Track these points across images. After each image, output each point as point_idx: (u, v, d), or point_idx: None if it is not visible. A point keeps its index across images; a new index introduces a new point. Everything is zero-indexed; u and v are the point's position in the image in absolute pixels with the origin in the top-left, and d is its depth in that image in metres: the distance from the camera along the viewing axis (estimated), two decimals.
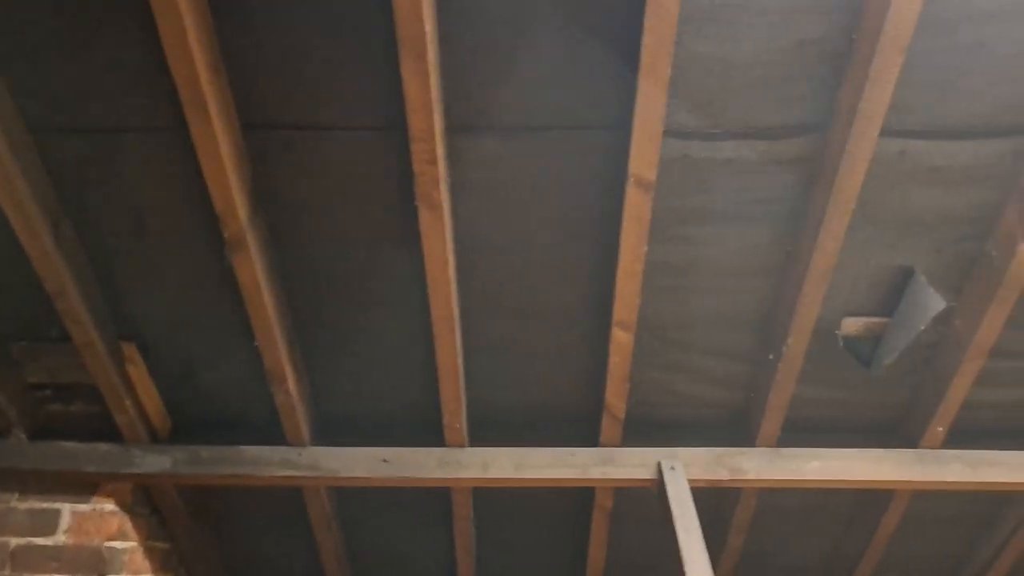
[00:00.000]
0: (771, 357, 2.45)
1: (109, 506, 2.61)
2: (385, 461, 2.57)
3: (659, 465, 2.58)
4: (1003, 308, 2.24)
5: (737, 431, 2.71)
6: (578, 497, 2.92)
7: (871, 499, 2.91)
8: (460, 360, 2.42)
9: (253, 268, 2.15)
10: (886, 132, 2.00)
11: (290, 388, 2.42)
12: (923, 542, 3.10)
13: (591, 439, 2.67)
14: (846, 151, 1.93)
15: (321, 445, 2.63)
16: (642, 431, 2.69)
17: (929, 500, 2.88)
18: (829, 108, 1.97)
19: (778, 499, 2.90)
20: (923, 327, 2.28)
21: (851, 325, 2.44)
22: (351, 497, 2.91)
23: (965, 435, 2.64)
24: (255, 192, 2.12)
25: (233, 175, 2.00)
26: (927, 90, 1.93)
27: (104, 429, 2.60)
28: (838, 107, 1.94)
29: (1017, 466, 2.59)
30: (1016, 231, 2.10)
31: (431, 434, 2.63)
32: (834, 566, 3.21)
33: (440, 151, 1.95)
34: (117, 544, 2.60)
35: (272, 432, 2.58)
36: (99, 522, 2.60)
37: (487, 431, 2.67)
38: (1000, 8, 1.80)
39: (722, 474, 2.60)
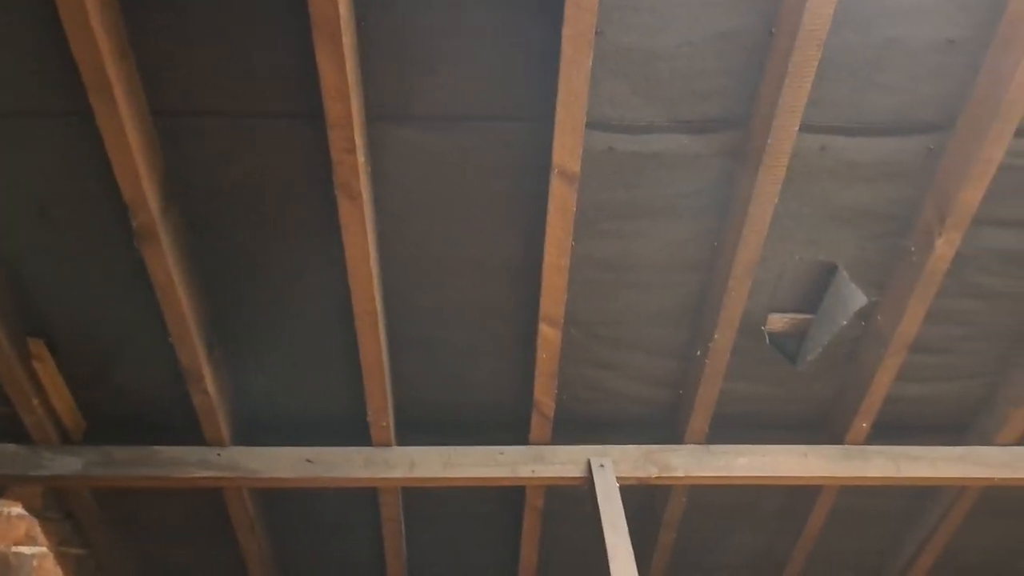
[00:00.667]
0: (699, 353, 2.45)
1: (16, 510, 2.49)
2: (308, 461, 2.51)
3: (589, 463, 2.56)
4: (922, 303, 2.28)
5: (667, 428, 2.71)
6: (510, 497, 2.88)
7: (800, 495, 2.93)
8: (385, 357, 2.37)
9: (165, 260, 2.07)
10: (807, 128, 2.01)
11: (208, 386, 2.34)
12: (851, 537, 3.13)
13: (521, 437, 2.64)
14: (768, 145, 1.94)
15: (242, 445, 2.55)
16: (573, 429, 2.67)
17: (856, 495, 2.91)
18: (751, 102, 1.98)
19: (710, 496, 2.91)
20: (845, 322, 2.31)
21: (776, 321, 2.45)
22: (275, 499, 2.83)
23: (889, 430, 2.67)
24: (167, 181, 2.04)
25: (142, 163, 1.92)
26: (845, 86, 1.94)
27: (12, 430, 2.48)
28: (759, 101, 1.95)
29: (938, 460, 2.64)
30: (933, 227, 2.13)
31: (357, 433, 2.57)
32: (765, 562, 3.23)
33: (359, 139, 1.90)
34: (25, 549, 2.48)
35: (190, 432, 2.49)
36: (5, 527, 2.47)
37: (415, 430, 2.63)
38: (913, 5, 1.82)
39: (651, 471, 2.59)
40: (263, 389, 2.52)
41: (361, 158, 1.93)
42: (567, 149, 1.93)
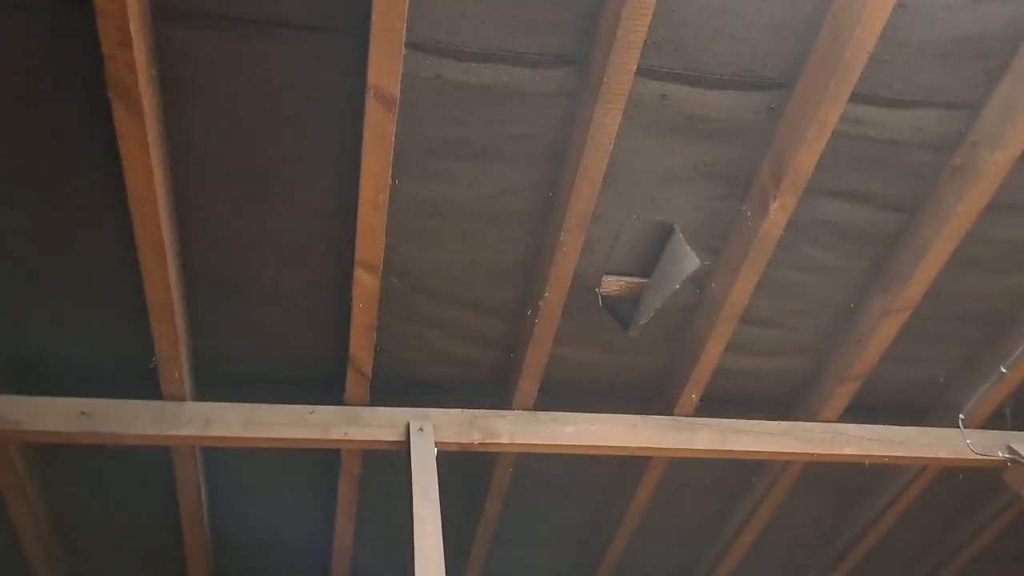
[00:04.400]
0: (529, 313, 2.31)
1: None
2: (84, 414, 2.20)
3: (408, 426, 2.38)
4: (755, 270, 2.22)
5: (496, 392, 2.56)
6: (326, 462, 2.66)
7: (630, 467, 2.86)
8: (178, 298, 2.09)
9: None
10: (649, 72, 1.89)
11: None
12: (679, 511, 3.11)
13: (338, 396, 2.42)
14: (604, 84, 1.80)
15: (5, 393, 2.20)
16: (396, 390, 2.49)
17: (684, 468, 2.87)
18: (591, 37, 1.83)
19: (539, 466, 2.80)
20: (678, 285, 2.22)
21: (611, 284, 2.34)
22: (53, 457, 2.49)
23: (718, 403, 2.63)
24: None
25: None
26: (687, 29, 1.83)
27: None
28: (599, 36, 1.80)
29: (763, 435, 2.62)
30: (769, 190, 2.06)
31: (146, 385, 2.27)
32: (593, 536, 3.16)
33: (138, 33, 1.61)
34: None
35: None
36: None
37: (217, 386, 2.36)
38: None
39: (475, 437, 2.44)
40: (31, 329, 2.19)
41: (142, 57, 1.65)
42: (384, 68, 1.72)
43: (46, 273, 2.08)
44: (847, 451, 2.65)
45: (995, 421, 2.74)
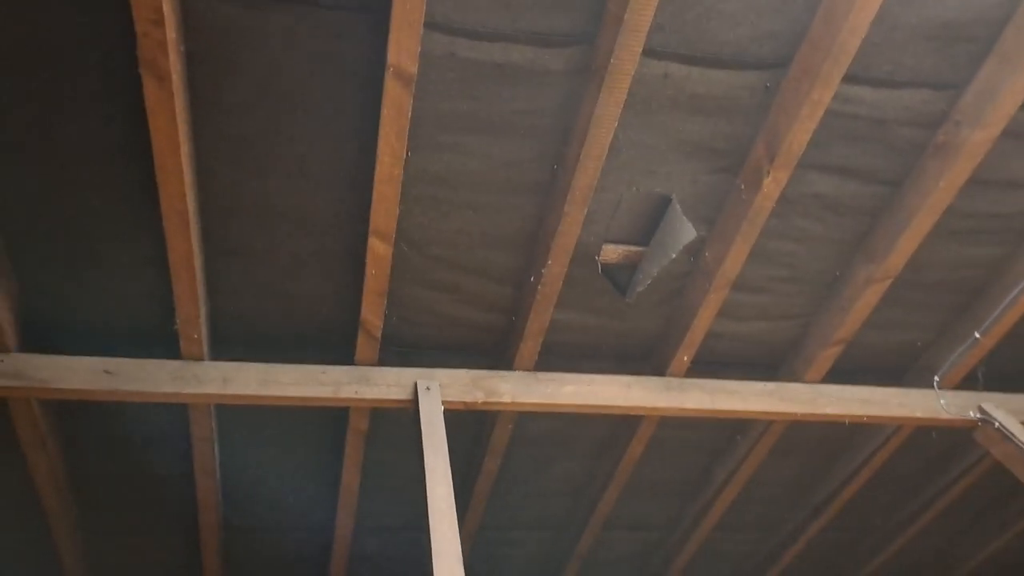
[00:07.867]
0: (532, 279, 2.42)
1: None
2: (107, 372, 2.30)
3: (415, 385, 2.50)
4: (747, 241, 2.34)
5: (498, 354, 2.69)
6: (333, 419, 2.78)
7: (623, 425, 3.01)
8: (198, 262, 2.19)
9: None
10: (652, 53, 1.98)
11: None
12: (667, 467, 3.27)
13: (347, 357, 2.53)
14: (611, 64, 1.89)
15: (32, 351, 2.30)
16: (402, 352, 2.60)
17: (673, 427, 3.02)
18: (598, 19, 1.92)
19: (536, 424, 2.93)
20: (674, 255, 2.34)
21: (610, 252, 2.46)
22: (72, 413, 2.59)
23: (708, 365, 2.77)
24: None
25: None
26: (691, 11, 1.92)
27: None
28: (606, 18, 1.89)
29: (749, 395, 2.77)
30: (762, 165, 2.17)
31: (166, 346, 2.37)
32: (585, 491, 3.31)
33: (168, 10, 1.68)
34: None
35: None
36: None
37: (232, 346, 2.47)
38: None
39: (478, 396, 2.56)
40: (57, 290, 2.27)
41: (172, 33, 1.72)
42: (404, 48, 1.80)
43: (72, 236, 2.16)
44: (829, 411, 2.81)
45: (968, 383, 2.90)
